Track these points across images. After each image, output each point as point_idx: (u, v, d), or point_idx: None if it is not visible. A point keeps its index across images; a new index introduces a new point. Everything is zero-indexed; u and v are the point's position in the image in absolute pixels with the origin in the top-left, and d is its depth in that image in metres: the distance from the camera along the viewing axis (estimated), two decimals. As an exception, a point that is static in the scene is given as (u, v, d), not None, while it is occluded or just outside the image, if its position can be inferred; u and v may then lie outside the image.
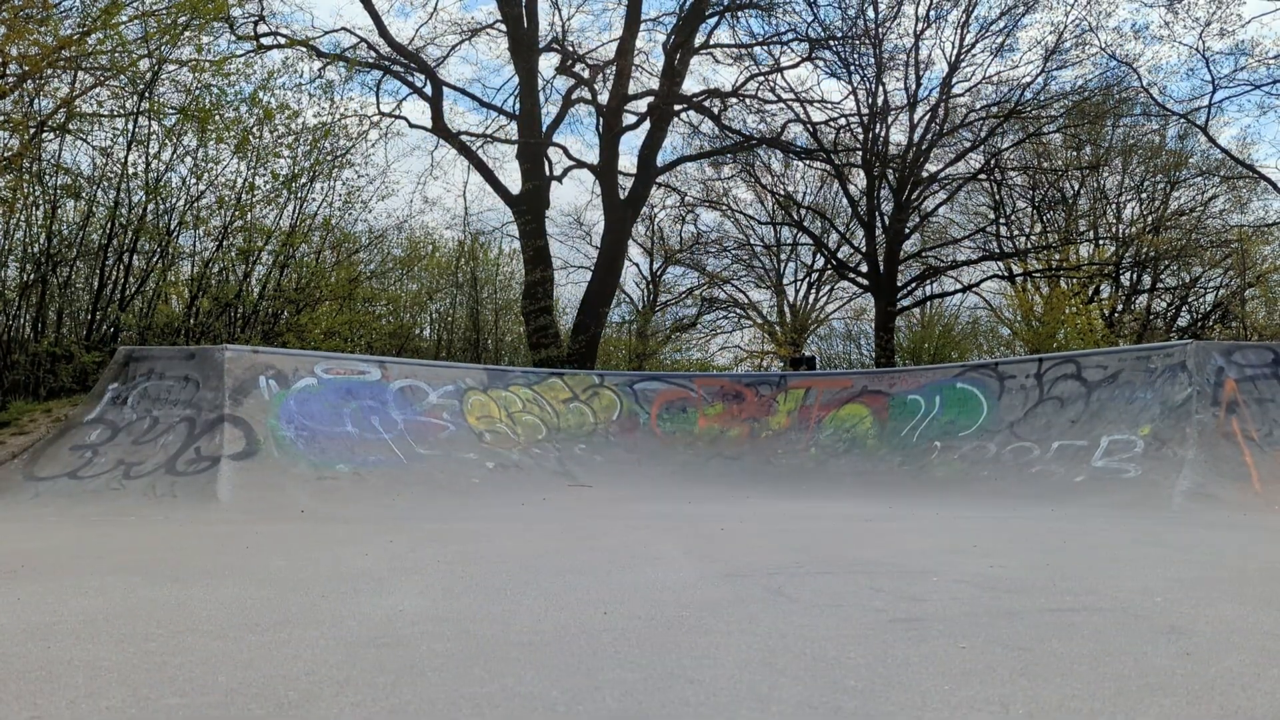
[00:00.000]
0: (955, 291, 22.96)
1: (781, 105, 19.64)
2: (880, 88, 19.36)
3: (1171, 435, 7.57)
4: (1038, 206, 22.61)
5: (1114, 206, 23.28)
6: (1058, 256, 22.03)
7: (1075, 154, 21.80)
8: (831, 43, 18.86)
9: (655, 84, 18.94)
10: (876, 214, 20.11)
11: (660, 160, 19.89)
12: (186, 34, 10.72)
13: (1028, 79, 19.29)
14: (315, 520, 6.00)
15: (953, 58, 19.35)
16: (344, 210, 13.17)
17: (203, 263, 11.96)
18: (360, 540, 4.88)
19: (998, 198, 22.47)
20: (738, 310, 26.95)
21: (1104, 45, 18.91)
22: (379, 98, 18.85)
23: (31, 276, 10.62)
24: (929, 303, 23.74)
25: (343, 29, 18.56)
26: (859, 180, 20.98)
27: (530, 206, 17.95)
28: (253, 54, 15.42)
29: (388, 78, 19.16)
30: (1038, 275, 22.31)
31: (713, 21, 19.16)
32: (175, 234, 11.47)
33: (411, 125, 19.17)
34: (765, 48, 19.28)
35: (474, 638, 2.64)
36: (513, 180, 19.22)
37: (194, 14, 10.25)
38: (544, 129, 19.02)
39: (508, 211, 18.98)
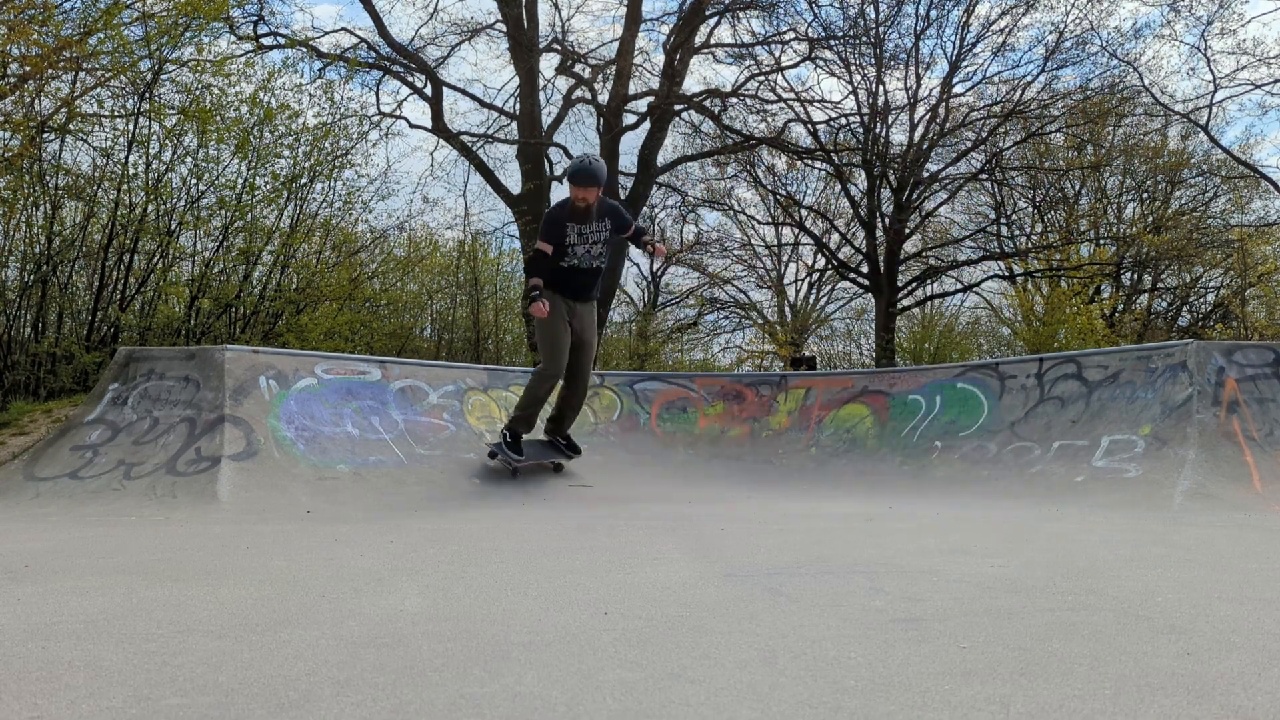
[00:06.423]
0: (956, 291, 22.98)
1: (782, 105, 19.66)
2: (880, 87, 19.38)
3: (1172, 435, 7.56)
4: (1038, 206, 22.60)
5: (1115, 206, 23.29)
6: (1058, 256, 22.02)
7: (1076, 154, 21.80)
8: (832, 42, 18.87)
9: (655, 84, 18.94)
10: (877, 214, 20.11)
11: (661, 160, 19.90)
12: (187, 34, 10.74)
13: (1029, 79, 19.32)
14: (316, 520, 6.00)
15: (954, 57, 19.37)
16: (345, 210, 13.19)
17: (203, 263, 11.97)
18: (360, 540, 4.87)
19: (999, 198, 22.47)
20: (739, 310, 26.96)
21: (1105, 44, 18.93)
22: (379, 98, 18.87)
23: (32, 277, 10.62)
24: (929, 303, 23.76)
25: (343, 29, 18.57)
26: (860, 181, 20.98)
27: (531, 207, 17.96)
28: (253, 54, 15.43)
29: (388, 78, 19.18)
30: (1038, 275, 22.30)
31: (713, 21, 19.17)
32: (176, 234, 11.47)
33: (412, 125, 19.20)
34: (766, 47, 19.30)
35: (474, 638, 2.64)
36: (513, 180, 19.23)
37: (194, 14, 10.26)
38: (544, 129, 19.02)
39: (508, 211, 18.98)
